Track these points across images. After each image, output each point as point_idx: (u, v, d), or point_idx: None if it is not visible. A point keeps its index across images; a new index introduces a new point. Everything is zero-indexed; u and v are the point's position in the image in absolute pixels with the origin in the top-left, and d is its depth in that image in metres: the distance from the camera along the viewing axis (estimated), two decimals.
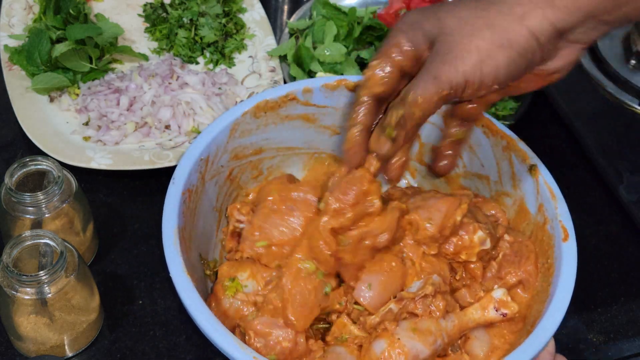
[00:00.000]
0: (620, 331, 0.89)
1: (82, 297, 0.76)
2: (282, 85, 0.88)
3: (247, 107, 0.85)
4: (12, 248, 0.72)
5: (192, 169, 0.79)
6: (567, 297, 0.72)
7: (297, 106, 0.88)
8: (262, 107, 0.86)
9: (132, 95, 1.02)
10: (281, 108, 0.87)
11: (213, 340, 0.67)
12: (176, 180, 0.77)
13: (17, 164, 0.79)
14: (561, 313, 0.71)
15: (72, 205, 0.81)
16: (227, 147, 0.85)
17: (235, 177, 0.87)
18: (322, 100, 0.88)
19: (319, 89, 0.87)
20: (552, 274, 0.75)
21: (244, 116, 0.85)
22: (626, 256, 0.96)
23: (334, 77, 0.88)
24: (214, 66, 1.11)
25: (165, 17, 1.15)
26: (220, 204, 0.86)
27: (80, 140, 0.98)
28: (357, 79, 0.87)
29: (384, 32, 1.11)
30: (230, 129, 0.84)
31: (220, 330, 0.67)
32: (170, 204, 0.76)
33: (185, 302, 0.69)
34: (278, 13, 1.25)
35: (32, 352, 0.79)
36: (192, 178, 0.79)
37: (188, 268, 0.71)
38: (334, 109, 0.89)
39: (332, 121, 0.90)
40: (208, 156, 0.82)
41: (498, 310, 0.76)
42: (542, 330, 0.70)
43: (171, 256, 0.72)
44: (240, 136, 0.85)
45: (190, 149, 0.80)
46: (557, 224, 0.78)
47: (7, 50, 1.04)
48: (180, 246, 0.73)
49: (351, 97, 0.88)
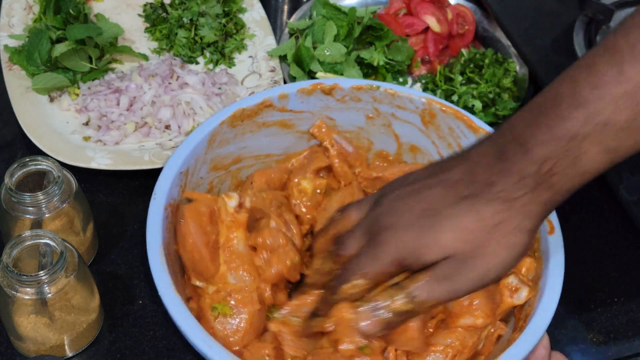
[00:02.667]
0: (620, 331, 0.89)
1: (82, 297, 0.76)
2: (258, 93, 0.88)
3: (224, 116, 0.85)
4: (12, 248, 0.72)
5: (172, 182, 0.78)
6: (558, 289, 0.72)
7: (274, 113, 0.88)
8: (238, 115, 0.86)
9: (132, 95, 1.02)
10: (258, 116, 0.87)
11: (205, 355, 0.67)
12: (157, 195, 0.77)
13: (17, 164, 0.79)
14: (553, 306, 0.71)
15: (72, 205, 0.81)
16: (206, 158, 0.84)
17: (214, 187, 0.87)
18: (298, 105, 0.88)
19: (295, 95, 0.87)
20: (541, 267, 0.75)
21: (222, 126, 0.84)
22: (626, 256, 0.96)
23: (310, 81, 0.88)
24: (214, 66, 1.11)
25: (165, 17, 1.15)
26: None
27: (80, 140, 0.98)
28: (333, 82, 0.88)
29: (383, 32, 1.11)
30: (208, 139, 0.83)
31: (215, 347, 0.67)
32: (154, 220, 0.75)
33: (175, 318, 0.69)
34: (278, 13, 1.25)
35: (32, 352, 0.79)
36: (173, 192, 0.79)
37: (177, 285, 0.71)
38: (310, 114, 0.89)
39: (309, 126, 0.90)
40: (188, 168, 0.81)
41: (512, 297, 0.75)
42: (535, 325, 0.70)
43: (158, 275, 0.71)
44: (219, 146, 0.85)
45: (170, 163, 0.80)
46: None
47: (7, 50, 1.04)
48: (166, 263, 0.72)
49: (327, 101, 0.88)
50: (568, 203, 0.78)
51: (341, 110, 0.90)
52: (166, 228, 0.75)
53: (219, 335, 0.72)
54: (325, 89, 0.88)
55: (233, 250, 0.76)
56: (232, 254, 0.76)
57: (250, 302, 0.74)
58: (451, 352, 0.72)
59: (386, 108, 0.90)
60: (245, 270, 0.76)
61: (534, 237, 0.66)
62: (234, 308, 0.73)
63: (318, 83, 0.88)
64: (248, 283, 0.75)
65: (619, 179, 0.98)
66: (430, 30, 1.14)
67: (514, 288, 0.75)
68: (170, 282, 0.70)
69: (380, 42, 1.11)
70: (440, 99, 0.88)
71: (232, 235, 0.77)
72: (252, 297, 0.74)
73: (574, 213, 0.99)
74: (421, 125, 0.90)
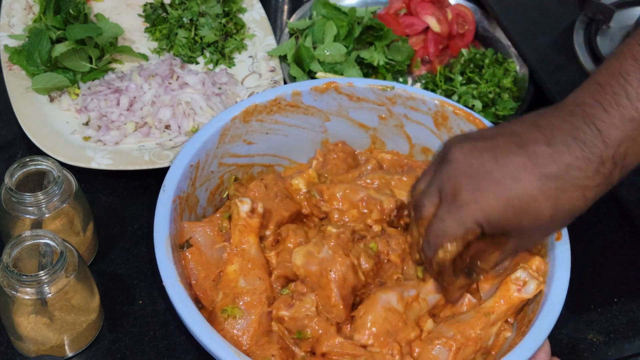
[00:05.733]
0: (620, 331, 0.89)
1: (82, 297, 0.76)
2: (271, 89, 0.88)
3: (236, 112, 0.85)
4: (12, 248, 0.72)
5: (182, 175, 0.79)
6: (562, 296, 0.73)
7: (286, 109, 0.88)
8: (251, 111, 0.86)
9: (132, 95, 1.02)
10: (270, 112, 0.87)
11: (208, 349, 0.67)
12: (166, 188, 0.77)
13: (17, 164, 0.79)
14: (556, 312, 0.71)
15: (72, 205, 0.81)
16: (217, 152, 0.84)
17: (225, 181, 0.87)
18: (312, 103, 0.88)
19: (308, 92, 0.87)
20: (546, 273, 0.75)
21: (234, 121, 0.85)
22: (626, 256, 0.96)
23: (324, 79, 0.88)
24: (214, 66, 1.11)
25: (165, 17, 1.15)
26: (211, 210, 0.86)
27: (80, 140, 0.98)
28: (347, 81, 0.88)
29: (383, 32, 1.11)
30: (220, 134, 0.84)
31: (216, 339, 0.67)
32: (161, 212, 0.76)
33: (178, 310, 0.69)
34: (278, 13, 1.25)
35: (32, 352, 0.79)
36: (183, 185, 0.79)
37: (181, 276, 0.71)
38: (322, 113, 0.89)
39: (320, 125, 0.90)
40: (198, 162, 0.81)
41: (520, 291, 0.75)
42: (538, 330, 0.70)
43: (164, 265, 0.72)
44: (230, 141, 0.85)
45: (180, 155, 0.80)
46: None
47: (7, 50, 1.04)
48: (172, 254, 0.72)
49: (340, 100, 0.88)
50: None
51: (354, 110, 0.90)
52: (174, 220, 0.76)
53: (228, 336, 0.73)
54: (338, 88, 0.88)
55: (245, 254, 0.77)
56: (244, 258, 0.77)
57: (260, 304, 0.74)
58: (454, 344, 0.72)
59: (399, 109, 0.90)
60: (256, 275, 0.76)
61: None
62: (243, 310, 0.74)
63: (332, 82, 0.88)
64: (258, 286, 0.76)
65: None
66: (430, 30, 1.14)
67: (523, 282, 0.75)
68: (176, 274, 0.71)
69: (380, 42, 1.11)
70: (453, 101, 0.88)
71: (244, 239, 0.77)
72: (261, 299, 0.75)
73: None
74: (433, 127, 0.90)
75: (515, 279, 0.75)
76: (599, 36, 1.13)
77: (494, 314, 0.75)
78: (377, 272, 0.78)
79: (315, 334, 0.73)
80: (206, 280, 0.77)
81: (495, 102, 1.07)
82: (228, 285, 0.76)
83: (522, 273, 0.75)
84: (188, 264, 0.77)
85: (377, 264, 0.78)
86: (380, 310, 0.73)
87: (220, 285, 0.76)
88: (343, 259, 0.74)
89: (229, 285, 0.76)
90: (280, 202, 0.82)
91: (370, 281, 0.77)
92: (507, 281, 0.75)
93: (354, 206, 0.82)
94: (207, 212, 0.85)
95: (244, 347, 0.73)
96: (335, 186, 0.83)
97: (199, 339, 0.67)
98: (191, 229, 0.79)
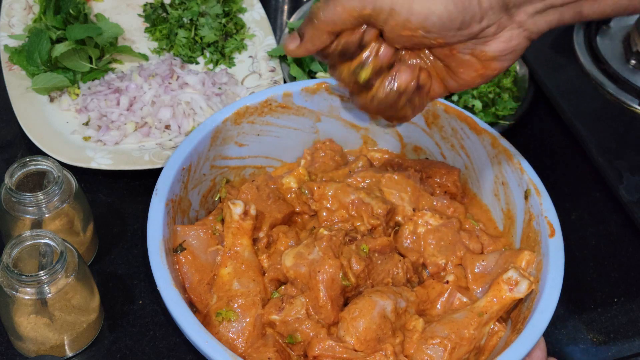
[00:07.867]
0: (620, 331, 0.89)
1: (82, 297, 0.76)
2: (262, 91, 0.88)
3: (227, 114, 0.85)
4: (12, 248, 0.72)
5: (174, 178, 0.79)
6: (557, 293, 0.72)
7: (277, 111, 0.88)
8: (242, 113, 0.86)
9: (132, 95, 1.02)
10: (261, 114, 0.87)
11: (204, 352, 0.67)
12: (159, 191, 0.77)
13: (17, 164, 0.79)
14: (551, 310, 0.71)
15: (72, 205, 0.81)
16: (209, 155, 0.84)
17: (217, 184, 0.87)
18: (303, 104, 0.88)
19: (299, 93, 0.87)
20: (540, 270, 0.75)
21: (225, 123, 0.85)
22: (626, 256, 0.96)
23: (313, 80, 0.88)
24: (214, 66, 1.11)
25: (165, 17, 1.15)
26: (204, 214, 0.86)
27: (80, 140, 0.98)
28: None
29: None
30: (211, 137, 0.84)
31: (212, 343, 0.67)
32: (154, 216, 0.75)
33: (174, 314, 0.69)
34: (278, 13, 1.25)
35: (32, 352, 0.79)
36: (175, 188, 0.79)
37: (175, 280, 0.71)
38: (313, 113, 0.89)
39: (311, 126, 0.90)
40: (190, 165, 0.81)
41: (512, 291, 0.75)
42: (533, 328, 0.70)
43: (158, 269, 0.71)
44: (222, 143, 0.85)
45: (172, 159, 0.80)
46: (543, 220, 0.78)
47: (7, 50, 1.04)
48: (166, 258, 0.72)
49: (331, 100, 0.88)
50: (568, 203, 0.79)
51: (345, 110, 0.90)
52: (167, 224, 0.76)
53: (223, 340, 0.72)
54: (329, 88, 0.88)
55: (239, 256, 0.77)
56: (237, 261, 0.77)
57: (254, 306, 0.74)
58: (449, 344, 0.72)
59: None
60: (250, 277, 0.76)
61: (476, 7, 0.64)
62: (238, 313, 0.74)
63: (322, 82, 0.88)
64: (252, 288, 0.75)
65: (619, 179, 0.98)
66: None
67: (514, 282, 0.75)
68: (170, 278, 0.71)
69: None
70: (443, 100, 0.88)
71: (237, 242, 0.77)
72: (255, 301, 0.75)
73: (574, 213, 0.99)
74: (425, 126, 0.90)
75: (507, 279, 0.75)
76: (599, 36, 1.13)
77: (487, 314, 0.75)
78: (369, 274, 0.78)
79: (306, 337, 0.73)
80: (200, 283, 0.77)
81: (495, 102, 1.07)
82: (222, 288, 0.76)
83: (513, 273, 0.75)
84: (182, 268, 0.77)
85: (369, 266, 0.78)
86: (376, 317, 0.73)
87: (214, 289, 0.76)
88: (333, 261, 0.74)
89: (223, 288, 0.76)
90: (273, 203, 0.82)
91: (361, 282, 0.77)
92: (499, 281, 0.76)
93: (343, 207, 0.82)
94: (200, 215, 0.85)
95: (240, 350, 0.73)
96: (325, 185, 0.83)
97: (195, 343, 0.67)
98: (184, 232, 0.79)
